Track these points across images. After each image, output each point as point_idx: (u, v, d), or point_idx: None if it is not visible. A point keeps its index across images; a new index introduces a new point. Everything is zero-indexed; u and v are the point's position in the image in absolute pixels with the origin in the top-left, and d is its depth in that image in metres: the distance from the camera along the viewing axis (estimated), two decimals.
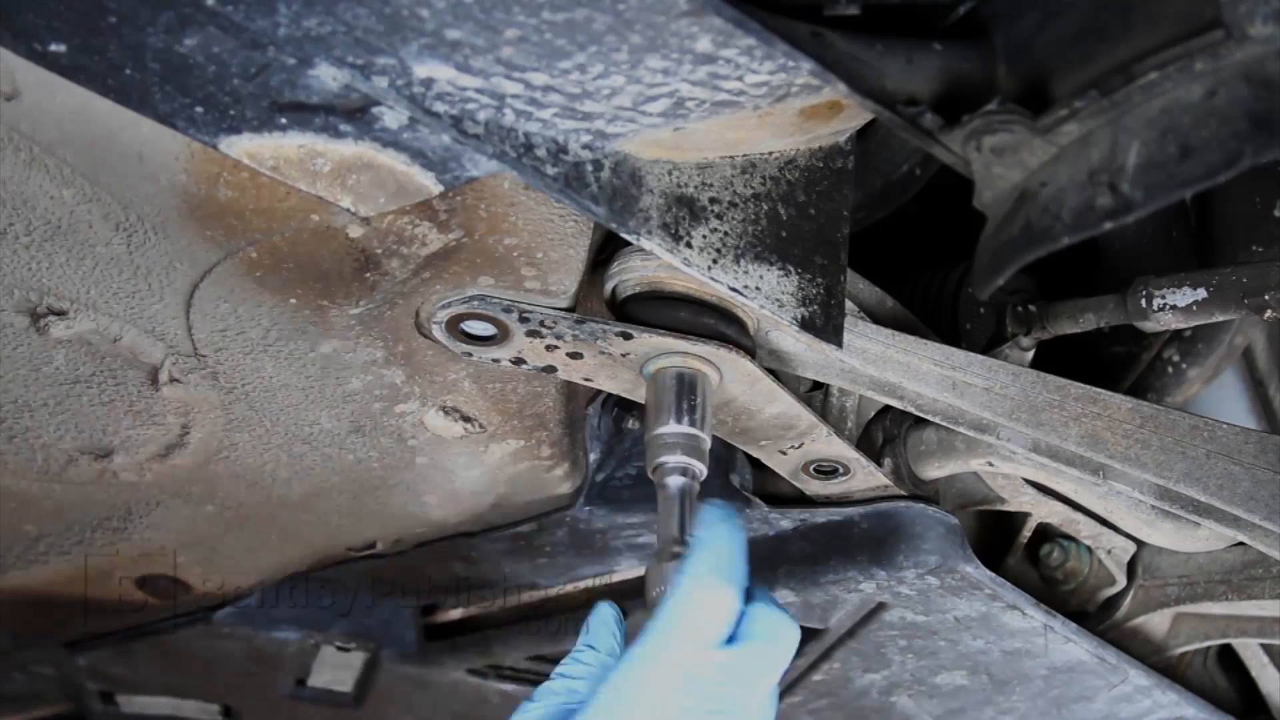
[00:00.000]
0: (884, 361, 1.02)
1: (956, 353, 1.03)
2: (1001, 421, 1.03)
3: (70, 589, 1.37)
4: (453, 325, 0.93)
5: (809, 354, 1.01)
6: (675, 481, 0.90)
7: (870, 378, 1.03)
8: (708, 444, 0.92)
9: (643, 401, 0.96)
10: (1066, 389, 1.03)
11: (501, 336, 0.93)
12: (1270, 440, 1.02)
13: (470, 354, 0.95)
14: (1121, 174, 0.62)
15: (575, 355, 0.95)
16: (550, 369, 0.96)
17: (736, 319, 0.94)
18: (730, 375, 0.95)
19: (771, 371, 0.97)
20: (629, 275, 0.93)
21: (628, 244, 0.88)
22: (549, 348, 0.94)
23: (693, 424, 0.91)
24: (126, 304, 0.94)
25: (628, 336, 0.92)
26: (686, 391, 0.92)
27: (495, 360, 0.96)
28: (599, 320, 0.91)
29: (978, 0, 0.75)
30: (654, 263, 0.91)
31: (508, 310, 0.90)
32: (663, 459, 0.91)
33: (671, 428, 0.91)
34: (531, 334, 0.93)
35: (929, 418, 1.04)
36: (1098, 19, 0.65)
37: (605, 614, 0.90)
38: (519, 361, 0.96)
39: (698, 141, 0.81)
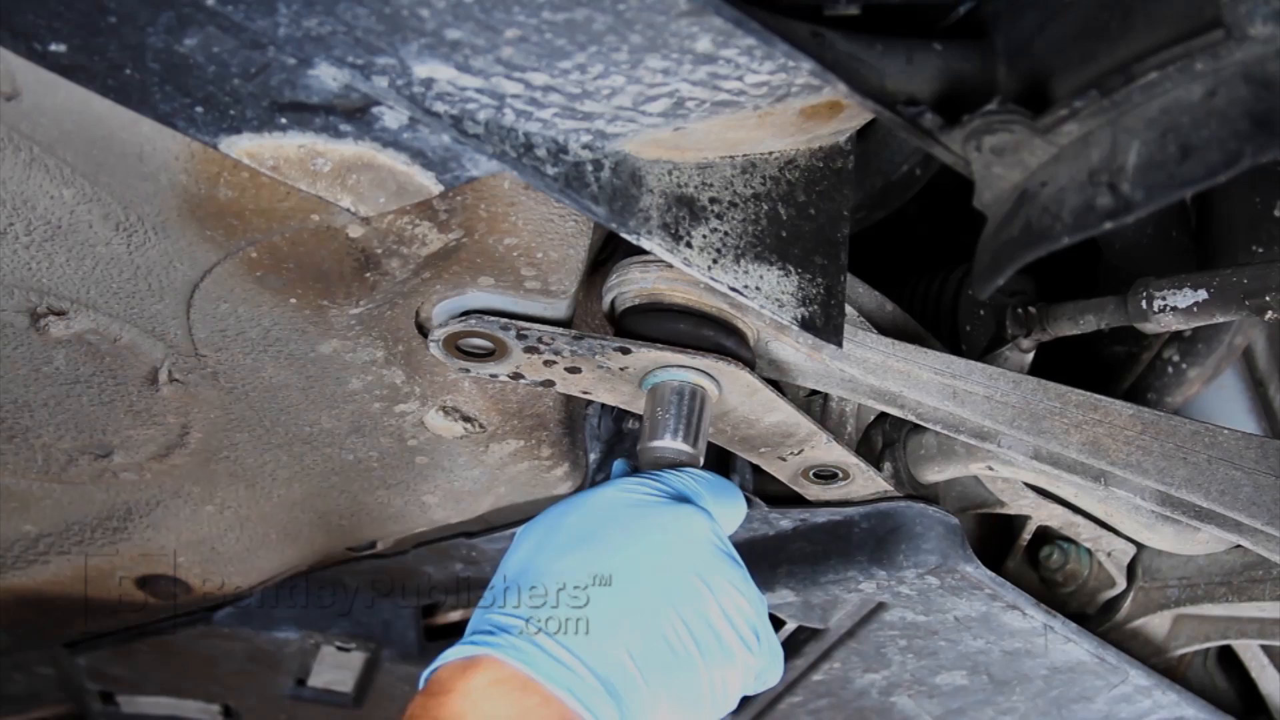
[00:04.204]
0: (884, 371, 1.02)
1: (957, 361, 1.03)
2: (1002, 429, 1.03)
3: (70, 589, 1.37)
4: (449, 344, 0.93)
5: (809, 364, 1.00)
6: None
7: (871, 387, 1.02)
8: (699, 463, 0.93)
9: (641, 413, 0.96)
10: (1067, 396, 1.03)
11: (499, 353, 0.93)
12: (1271, 445, 1.02)
13: (468, 369, 0.95)
14: (1121, 174, 0.62)
15: (573, 370, 0.95)
16: (549, 383, 0.96)
17: (736, 330, 0.94)
18: (729, 387, 0.95)
19: (771, 381, 0.97)
20: (628, 287, 0.92)
21: (628, 244, 0.88)
22: (546, 363, 0.94)
23: (686, 440, 0.92)
24: (126, 304, 0.93)
25: (626, 351, 0.91)
26: (683, 407, 0.92)
27: (493, 375, 0.96)
28: (596, 336, 0.91)
29: (978, 0, 0.75)
30: (653, 274, 0.90)
31: (504, 329, 0.91)
32: None
33: (666, 442, 0.91)
34: (529, 350, 0.93)
35: (930, 426, 1.04)
36: (1098, 19, 0.65)
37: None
38: (517, 376, 0.96)
39: (698, 141, 0.81)
